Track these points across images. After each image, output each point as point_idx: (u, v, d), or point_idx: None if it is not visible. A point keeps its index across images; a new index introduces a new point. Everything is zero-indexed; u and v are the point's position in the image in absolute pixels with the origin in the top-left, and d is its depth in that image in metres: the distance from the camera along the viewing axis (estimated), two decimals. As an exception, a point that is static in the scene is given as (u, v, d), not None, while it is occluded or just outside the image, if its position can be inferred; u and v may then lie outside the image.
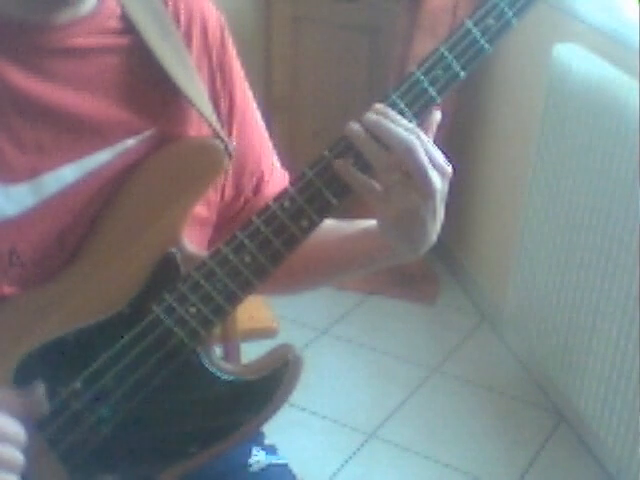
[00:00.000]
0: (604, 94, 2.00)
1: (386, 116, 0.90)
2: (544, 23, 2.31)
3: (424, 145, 0.89)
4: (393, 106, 0.91)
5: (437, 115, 0.94)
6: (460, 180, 1.06)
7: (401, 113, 0.91)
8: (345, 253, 1.08)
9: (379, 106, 0.91)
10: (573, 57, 2.14)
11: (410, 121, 0.91)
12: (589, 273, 2.09)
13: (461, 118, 2.67)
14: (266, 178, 1.11)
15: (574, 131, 2.12)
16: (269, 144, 1.14)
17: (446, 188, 0.93)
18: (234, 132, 1.06)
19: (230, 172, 1.06)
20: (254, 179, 1.10)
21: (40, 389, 0.92)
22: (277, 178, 1.13)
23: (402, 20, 2.72)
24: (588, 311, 2.11)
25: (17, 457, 0.87)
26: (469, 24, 0.92)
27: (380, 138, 0.89)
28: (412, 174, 0.89)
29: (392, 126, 0.89)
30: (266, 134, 1.13)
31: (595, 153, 2.04)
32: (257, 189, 1.11)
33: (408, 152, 0.88)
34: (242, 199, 1.10)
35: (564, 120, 2.16)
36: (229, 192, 1.08)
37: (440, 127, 0.96)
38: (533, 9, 0.94)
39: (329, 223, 0.97)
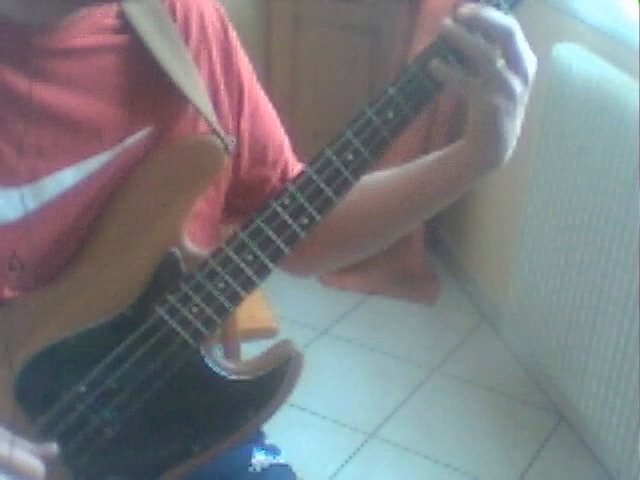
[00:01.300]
0: (604, 94, 2.00)
1: (481, 7, 0.91)
2: (544, 23, 2.31)
3: (521, 32, 0.91)
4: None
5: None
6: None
7: (497, 6, 0.92)
8: (423, 186, 1.03)
9: (469, 4, 0.92)
10: (573, 57, 2.14)
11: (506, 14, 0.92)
12: (589, 273, 2.09)
13: (461, 118, 2.67)
14: (290, 167, 1.11)
15: (574, 131, 2.12)
16: (286, 136, 1.13)
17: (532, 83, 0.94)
18: (245, 120, 1.05)
19: (245, 161, 1.05)
20: (279, 167, 1.10)
21: (54, 449, 0.93)
22: (299, 168, 1.12)
23: (402, 20, 2.72)
24: (588, 311, 2.11)
25: None
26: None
27: (478, 27, 0.90)
28: (514, 58, 0.91)
29: (489, 12, 0.90)
30: (281, 126, 1.13)
31: (595, 153, 2.04)
32: (284, 178, 1.10)
33: (509, 34, 0.90)
34: (269, 188, 1.09)
35: (564, 120, 2.16)
36: (252, 181, 1.07)
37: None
38: (530, 8, 0.95)
39: (384, 173, 1.00)
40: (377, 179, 1.03)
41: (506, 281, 2.52)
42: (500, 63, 0.91)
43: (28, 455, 0.88)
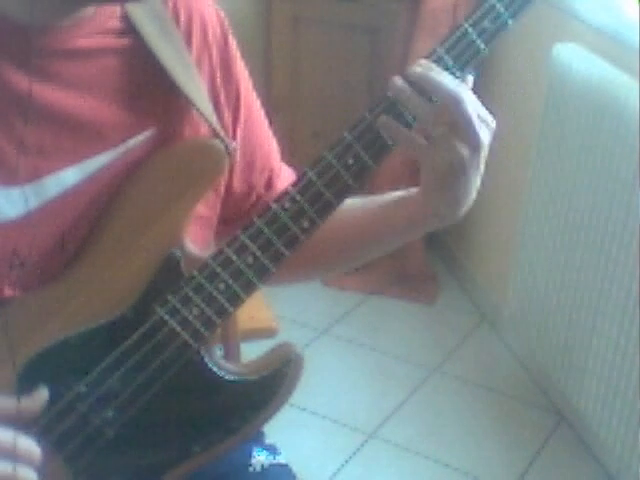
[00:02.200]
0: (604, 94, 2.00)
1: (431, 69, 0.90)
2: (544, 23, 2.31)
3: (470, 97, 0.90)
4: (438, 61, 0.91)
5: (470, 78, 0.94)
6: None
7: (446, 69, 0.91)
8: (381, 223, 1.06)
9: (423, 61, 0.91)
10: (573, 57, 2.14)
11: (456, 77, 0.91)
12: (589, 273, 2.09)
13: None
14: (277, 173, 1.12)
15: (574, 131, 2.12)
16: (275, 141, 1.14)
17: (490, 143, 0.93)
18: (240, 128, 1.06)
19: (238, 168, 1.06)
20: (265, 175, 1.11)
21: (44, 395, 0.92)
22: (286, 174, 1.13)
23: (402, 20, 2.72)
24: (588, 311, 2.11)
25: (31, 477, 0.87)
26: (466, 26, 0.92)
27: (425, 91, 0.89)
28: (460, 126, 0.89)
29: (438, 77, 0.89)
30: (271, 131, 1.13)
31: (595, 153, 2.04)
32: (269, 185, 1.11)
33: (455, 102, 0.89)
34: (254, 195, 1.10)
35: (564, 120, 2.16)
36: (240, 188, 1.08)
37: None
38: (531, 10, 0.95)
39: (356, 200, 0.98)
40: (347, 206, 1.02)
41: (506, 281, 2.52)
42: (444, 129, 0.90)
43: (25, 439, 0.88)
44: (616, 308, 1.99)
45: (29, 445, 0.88)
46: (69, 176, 0.93)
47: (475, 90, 0.94)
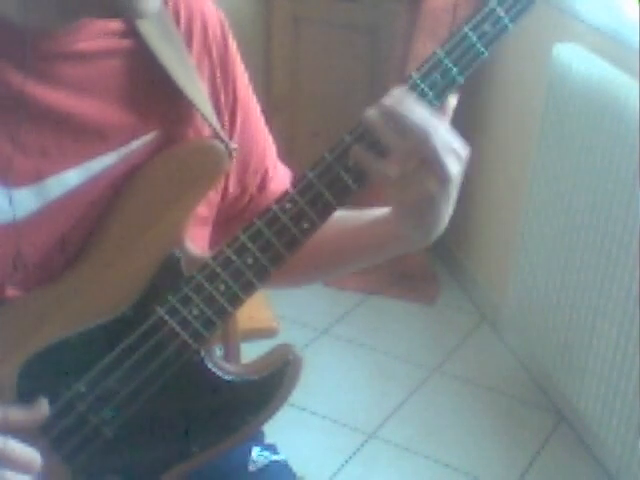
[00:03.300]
0: (604, 94, 2.00)
1: (401, 102, 0.89)
2: (544, 23, 2.31)
3: (439, 131, 0.89)
4: (414, 88, 0.91)
5: (453, 99, 0.94)
6: (460, 180, 1.06)
7: (422, 95, 0.91)
8: (358, 241, 1.08)
9: (397, 90, 0.90)
10: (573, 57, 2.14)
11: (431, 104, 0.91)
12: (589, 273, 2.09)
13: (461, 118, 2.67)
14: (270, 174, 1.12)
15: (574, 131, 2.12)
16: (271, 140, 1.14)
17: (461, 172, 0.92)
18: (237, 129, 1.06)
19: (233, 170, 1.06)
20: (258, 176, 1.11)
21: (44, 406, 0.92)
22: (280, 174, 1.13)
23: (402, 20, 2.72)
24: (588, 311, 2.11)
25: None
26: (466, 29, 0.92)
27: (395, 124, 0.89)
28: (427, 160, 0.89)
29: (407, 113, 0.88)
30: (267, 130, 1.13)
31: (595, 153, 2.04)
32: (262, 186, 1.11)
33: (423, 139, 0.88)
34: (247, 196, 1.10)
35: (564, 120, 2.16)
36: (233, 190, 1.08)
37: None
38: (531, 12, 0.95)
39: (339, 214, 0.98)
40: (336, 216, 1.01)
41: (506, 281, 2.52)
42: (414, 162, 0.89)
43: (24, 446, 0.88)
44: (616, 308, 1.99)
45: (27, 453, 0.88)
46: (71, 177, 0.93)
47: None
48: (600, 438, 2.12)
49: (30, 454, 0.89)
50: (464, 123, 0.99)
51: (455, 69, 0.92)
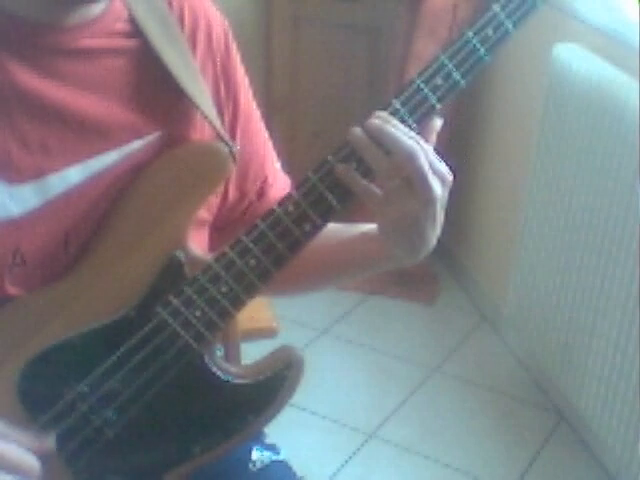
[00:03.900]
0: (604, 94, 2.00)
1: (388, 122, 0.90)
2: (544, 23, 2.31)
3: (425, 152, 0.90)
4: (394, 113, 0.92)
5: (437, 122, 0.94)
6: (460, 180, 1.06)
7: (402, 121, 0.91)
8: (345, 256, 1.09)
9: (381, 113, 0.91)
10: (573, 57, 2.14)
11: (411, 128, 0.91)
12: (589, 273, 2.09)
13: (461, 118, 2.67)
14: (270, 182, 1.12)
15: (574, 131, 2.12)
16: (271, 147, 1.14)
17: (446, 195, 0.93)
18: (238, 136, 1.06)
19: (233, 175, 1.06)
20: (258, 183, 1.11)
21: (51, 443, 0.92)
22: (280, 181, 1.14)
23: (402, 20, 2.72)
24: (588, 311, 2.11)
25: None
26: (469, 34, 0.92)
27: (382, 144, 0.90)
28: (413, 180, 0.90)
29: (394, 132, 0.89)
30: (268, 137, 1.14)
31: (595, 153, 2.04)
32: (261, 193, 1.11)
33: (409, 158, 0.89)
34: (246, 202, 1.11)
35: (564, 120, 2.16)
36: (233, 195, 1.09)
37: (441, 127, 0.96)
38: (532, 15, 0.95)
39: (330, 227, 0.98)
40: (327, 228, 1.02)
41: (506, 281, 2.52)
42: (399, 182, 0.90)
43: (23, 452, 0.88)
44: (616, 308, 1.99)
45: (27, 459, 0.89)
46: (73, 175, 0.93)
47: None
48: (600, 438, 2.12)
49: (30, 460, 0.89)
50: (465, 123, 0.99)
51: (457, 74, 0.92)
